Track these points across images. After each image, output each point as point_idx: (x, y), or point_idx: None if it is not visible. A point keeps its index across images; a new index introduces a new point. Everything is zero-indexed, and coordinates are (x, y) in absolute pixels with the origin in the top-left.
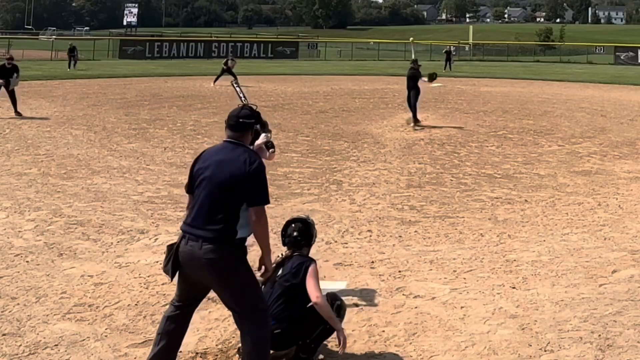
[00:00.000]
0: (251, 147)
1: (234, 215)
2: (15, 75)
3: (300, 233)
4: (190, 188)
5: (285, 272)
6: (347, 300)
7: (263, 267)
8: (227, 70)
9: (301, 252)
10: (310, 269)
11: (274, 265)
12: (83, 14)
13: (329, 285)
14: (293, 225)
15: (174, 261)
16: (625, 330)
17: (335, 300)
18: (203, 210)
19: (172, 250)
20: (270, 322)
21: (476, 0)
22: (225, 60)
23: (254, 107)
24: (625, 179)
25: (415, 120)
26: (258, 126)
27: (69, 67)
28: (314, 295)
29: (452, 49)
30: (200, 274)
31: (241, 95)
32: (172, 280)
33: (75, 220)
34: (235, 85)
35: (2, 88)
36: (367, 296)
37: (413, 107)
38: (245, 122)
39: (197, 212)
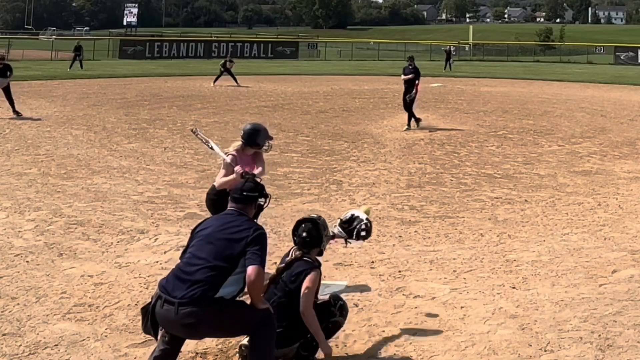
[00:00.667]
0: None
1: (222, 279)
2: (8, 74)
3: (309, 234)
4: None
5: (286, 277)
6: (347, 300)
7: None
8: (227, 71)
9: (310, 253)
10: (309, 277)
11: (283, 265)
12: (83, 14)
13: (329, 285)
14: (303, 225)
15: (152, 321)
16: (625, 330)
17: (337, 301)
18: (187, 268)
19: (148, 312)
20: (275, 322)
21: (476, 0)
22: (223, 61)
23: (258, 180)
24: (625, 179)
25: (417, 120)
26: (262, 200)
27: (70, 67)
28: (302, 305)
29: (451, 49)
30: (182, 333)
31: (204, 141)
32: (157, 338)
33: (75, 220)
34: (196, 132)
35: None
36: (367, 296)
37: (410, 110)
38: (249, 196)
39: (180, 271)
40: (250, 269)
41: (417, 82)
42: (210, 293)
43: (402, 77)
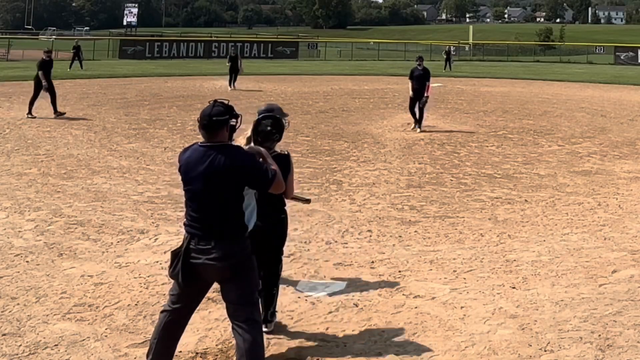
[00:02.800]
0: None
1: (238, 211)
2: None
3: (273, 126)
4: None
5: None
6: (347, 300)
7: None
8: (235, 71)
9: (272, 144)
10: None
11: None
12: (83, 14)
13: (329, 284)
14: (264, 122)
15: (184, 264)
16: (625, 330)
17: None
18: (206, 212)
19: (180, 253)
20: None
21: (476, 0)
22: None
23: (226, 102)
24: (625, 179)
25: (419, 122)
26: (233, 121)
27: (70, 67)
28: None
29: (451, 49)
30: (211, 273)
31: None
32: (184, 283)
33: (75, 220)
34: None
35: None
36: (367, 296)
37: (421, 112)
38: (219, 120)
39: (201, 214)
40: (272, 191)
41: (428, 83)
42: (241, 227)
43: (411, 84)
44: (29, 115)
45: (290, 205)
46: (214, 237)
